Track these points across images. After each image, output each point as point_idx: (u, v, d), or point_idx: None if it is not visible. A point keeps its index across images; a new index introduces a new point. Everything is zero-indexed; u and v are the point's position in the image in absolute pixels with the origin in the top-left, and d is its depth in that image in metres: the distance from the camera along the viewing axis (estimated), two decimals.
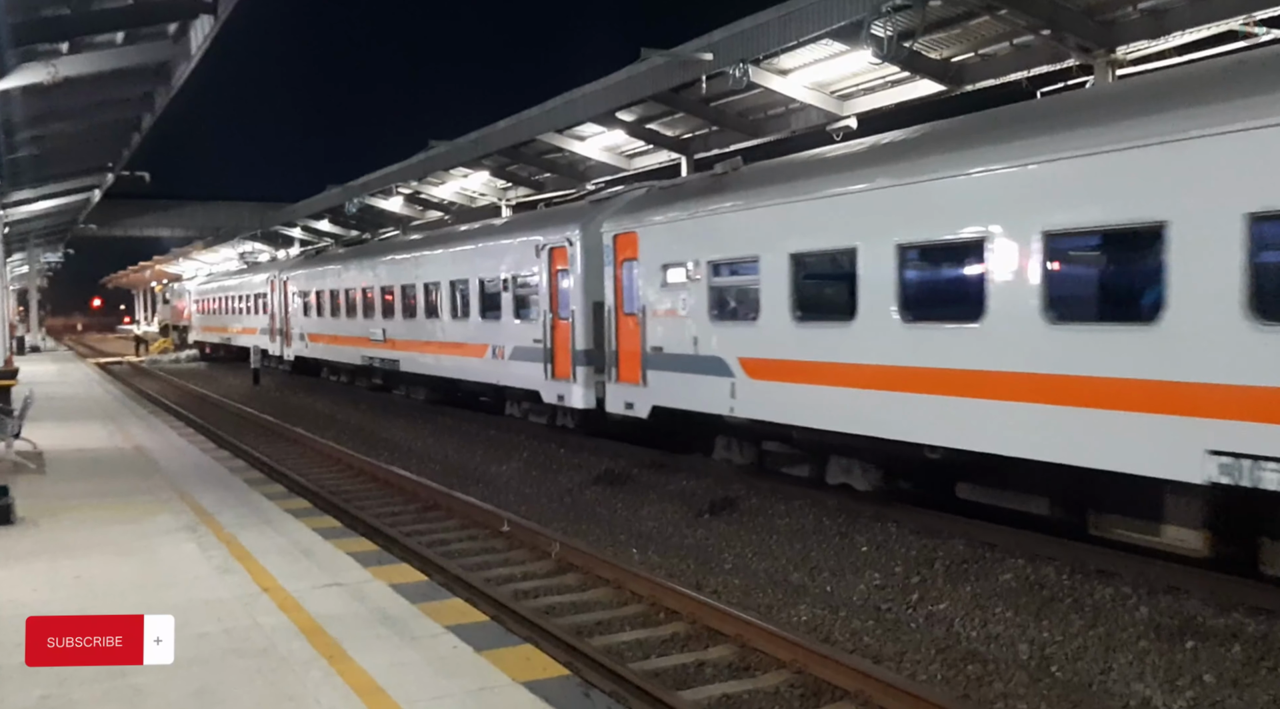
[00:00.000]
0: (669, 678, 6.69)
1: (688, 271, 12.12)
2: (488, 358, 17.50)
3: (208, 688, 5.05)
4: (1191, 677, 6.49)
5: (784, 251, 10.47)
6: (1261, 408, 6.55)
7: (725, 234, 11.58)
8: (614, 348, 13.60)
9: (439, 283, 19.41)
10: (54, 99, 16.98)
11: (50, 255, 50.41)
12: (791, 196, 10.57)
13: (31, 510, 9.36)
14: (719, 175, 12.52)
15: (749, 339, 11.16)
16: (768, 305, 10.77)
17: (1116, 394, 7.44)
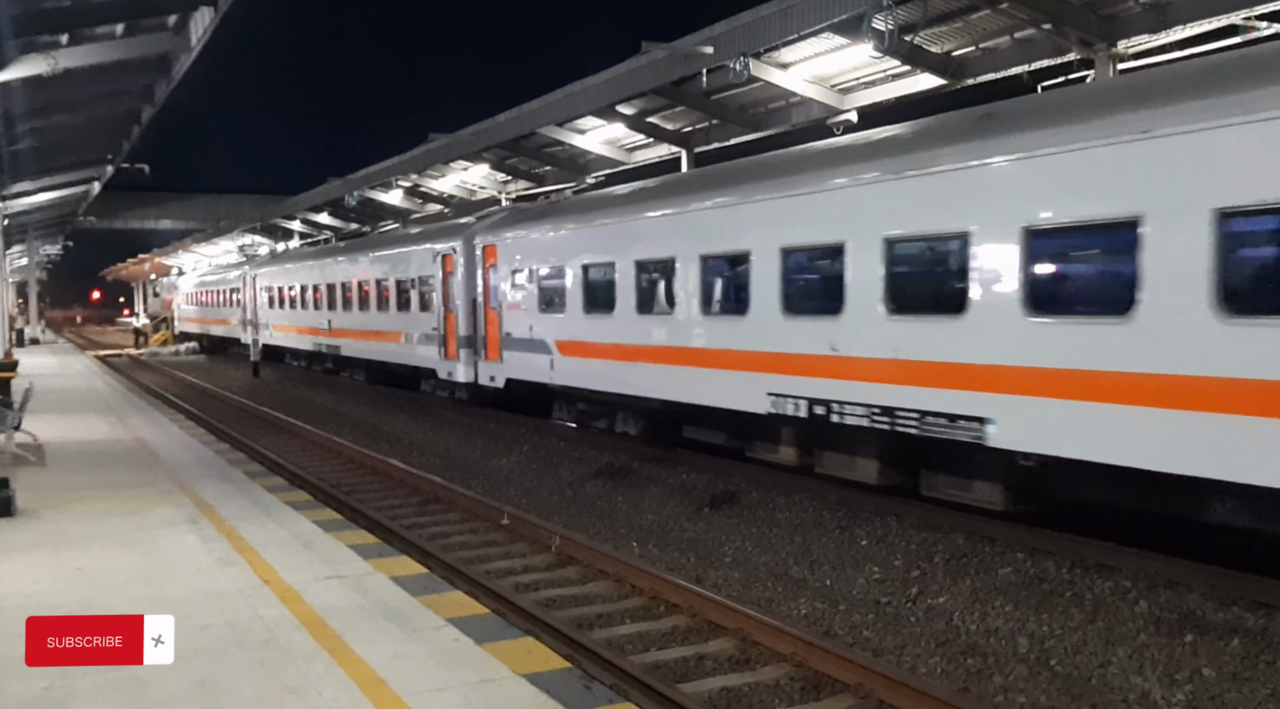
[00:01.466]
0: (669, 671, 6.71)
1: (526, 275, 16.36)
2: (402, 343, 21.68)
3: (209, 680, 5.06)
4: (1190, 670, 6.51)
5: (578, 263, 14.73)
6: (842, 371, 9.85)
7: (546, 248, 15.87)
8: (483, 334, 17.89)
9: (368, 280, 23.70)
10: (54, 91, 16.96)
11: (50, 247, 50.35)
12: (580, 225, 15.14)
13: (32, 502, 9.37)
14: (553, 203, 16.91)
15: (561, 326, 15.20)
16: (570, 301, 14.86)
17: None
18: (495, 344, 17.41)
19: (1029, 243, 8.10)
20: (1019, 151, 8.20)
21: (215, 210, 49.87)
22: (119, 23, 15.21)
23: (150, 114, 22.06)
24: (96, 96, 19.47)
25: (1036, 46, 11.60)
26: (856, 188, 9.76)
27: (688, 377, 12.27)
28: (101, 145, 25.87)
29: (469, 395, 19.13)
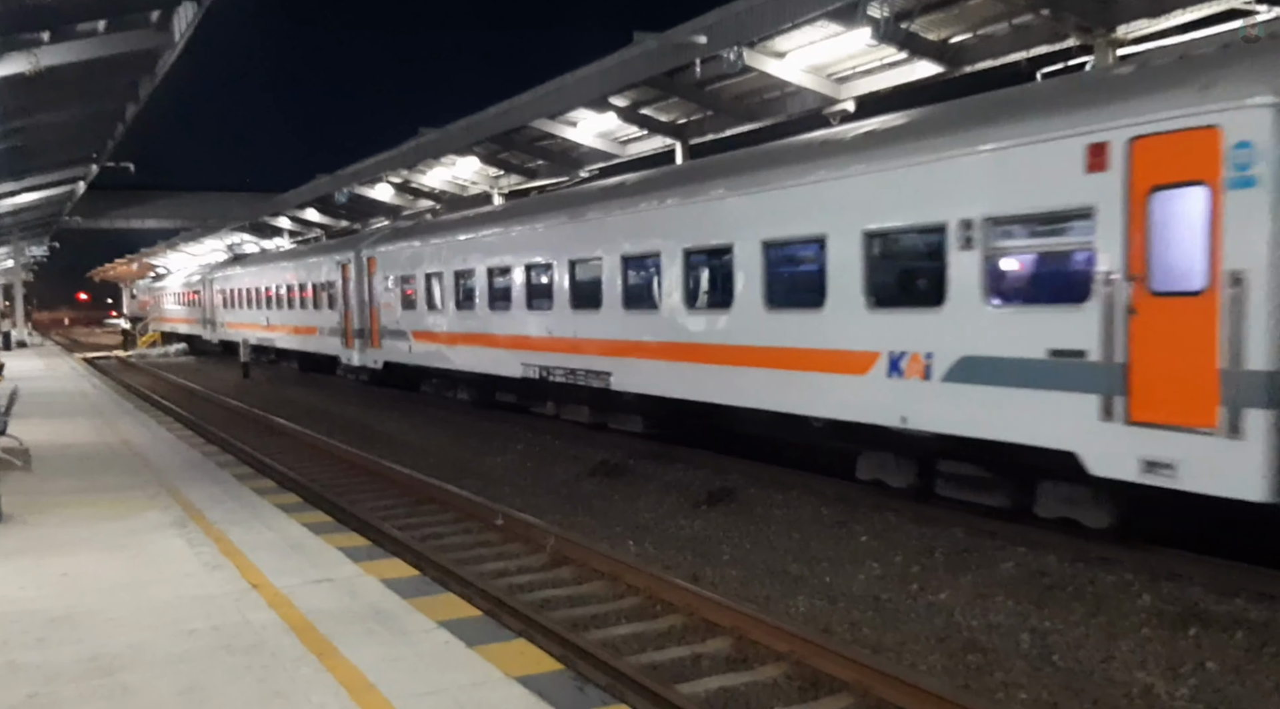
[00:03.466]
0: (666, 671, 6.60)
1: (394, 281, 21.53)
2: (317, 335, 27.08)
3: (196, 685, 4.97)
4: (1194, 664, 6.45)
5: (422, 272, 20.01)
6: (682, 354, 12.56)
7: (405, 260, 20.98)
8: (369, 327, 22.98)
9: (294, 285, 28.93)
10: (36, 89, 16.75)
11: (35, 249, 50.01)
12: (423, 243, 20.10)
13: (18, 507, 9.26)
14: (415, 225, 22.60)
15: (415, 319, 20.55)
16: (419, 300, 20.25)
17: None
18: (376, 334, 22.68)
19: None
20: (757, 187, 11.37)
21: (202, 209, 49.63)
22: (101, 19, 15.02)
23: (134, 112, 21.86)
24: (80, 95, 19.27)
25: (1034, 32, 11.50)
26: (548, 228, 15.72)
27: (486, 355, 17.68)
28: (86, 144, 25.65)
29: (368, 377, 24.21)
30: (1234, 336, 6.85)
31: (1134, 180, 7.41)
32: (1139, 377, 7.40)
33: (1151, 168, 7.31)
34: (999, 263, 8.55)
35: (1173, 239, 7.26)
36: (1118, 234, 7.49)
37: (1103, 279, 7.62)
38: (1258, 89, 6.72)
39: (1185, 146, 7.09)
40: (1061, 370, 7.88)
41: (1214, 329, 6.95)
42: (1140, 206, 7.38)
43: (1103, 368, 7.60)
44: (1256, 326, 6.74)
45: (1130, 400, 7.44)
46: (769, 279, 11.02)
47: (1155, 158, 7.28)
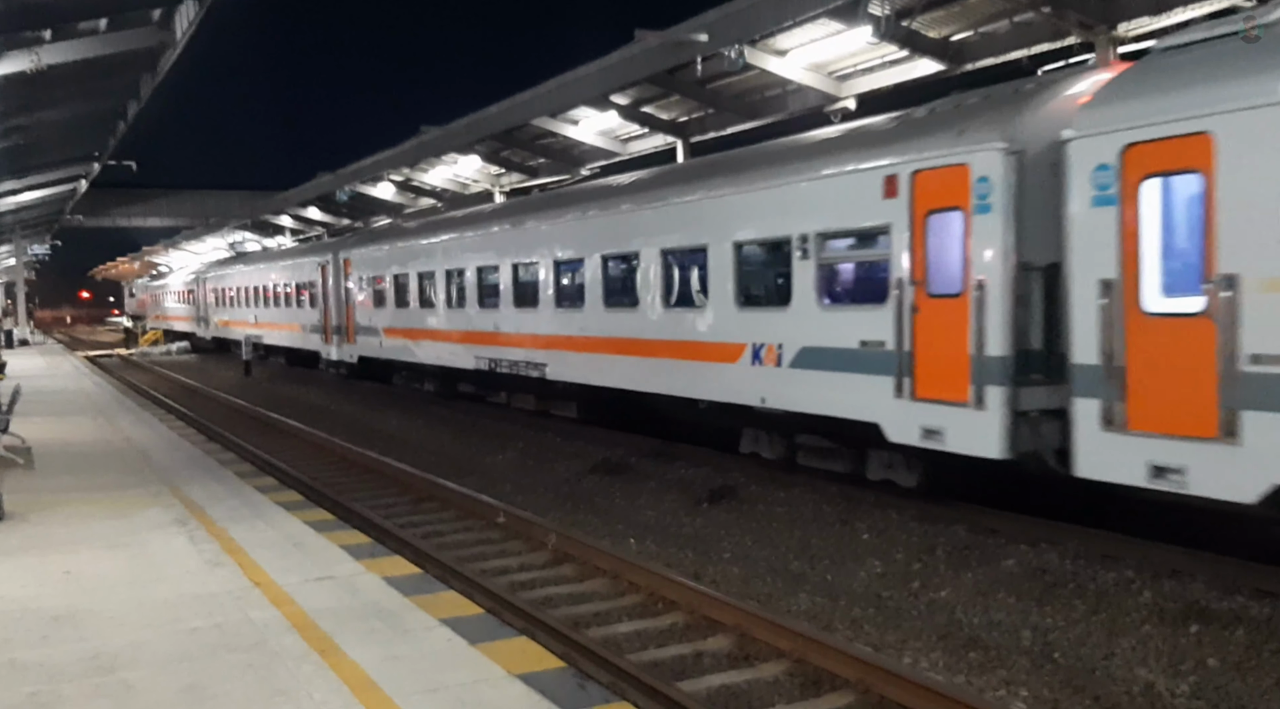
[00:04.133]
0: (667, 669, 6.60)
1: (367, 281, 23.40)
2: (299, 332, 28.92)
3: (198, 683, 4.97)
4: (1195, 661, 6.45)
5: (390, 273, 22.03)
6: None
7: (376, 262, 22.90)
8: (345, 324, 24.97)
9: (279, 284, 30.78)
10: (38, 88, 16.74)
11: (37, 247, 50.04)
12: (391, 246, 22.14)
13: (20, 505, 9.26)
14: (387, 227, 25.22)
15: (385, 317, 22.37)
16: (388, 299, 22.12)
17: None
18: (352, 331, 24.61)
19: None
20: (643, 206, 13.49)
21: (204, 207, 49.64)
22: (102, 18, 15.01)
23: (136, 110, 21.85)
24: (81, 93, 19.25)
25: (1036, 30, 11.48)
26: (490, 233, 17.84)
27: (445, 349, 19.47)
28: (88, 142, 25.65)
29: (346, 371, 26.08)
30: (979, 329, 8.59)
31: (916, 205, 9.23)
32: (920, 362, 9.18)
33: (927, 195, 9.12)
34: (827, 270, 10.44)
35: (942, 252, 9.01)
36: (905, 247, 9.30)
37: (896, 283, 9.38)
38: (993, 136, 8.55)
39: (947, 180, 8.90)
40: (868, 357, 9.71)
41: (966, 324, 8.68)
42: (921, 226, 9.18)
43: (895, 355, 9.39)
44: (993, 322, 8.48)
45: (915, 381, 9.22)
46: (666, 281, 12.81)
47: (929, 188, 9.09)
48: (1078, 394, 7.75)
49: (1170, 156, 7.20)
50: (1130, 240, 7.43)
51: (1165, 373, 7.22)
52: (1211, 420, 6.92)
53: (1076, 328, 7.76)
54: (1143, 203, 7.38)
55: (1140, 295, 7.41)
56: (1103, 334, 7.58)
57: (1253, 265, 6.70)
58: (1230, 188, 6.83)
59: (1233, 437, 6.81)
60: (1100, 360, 7.58)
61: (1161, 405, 7.22)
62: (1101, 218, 7.56)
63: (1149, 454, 7.26)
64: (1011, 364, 8.38)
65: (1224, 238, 6.85)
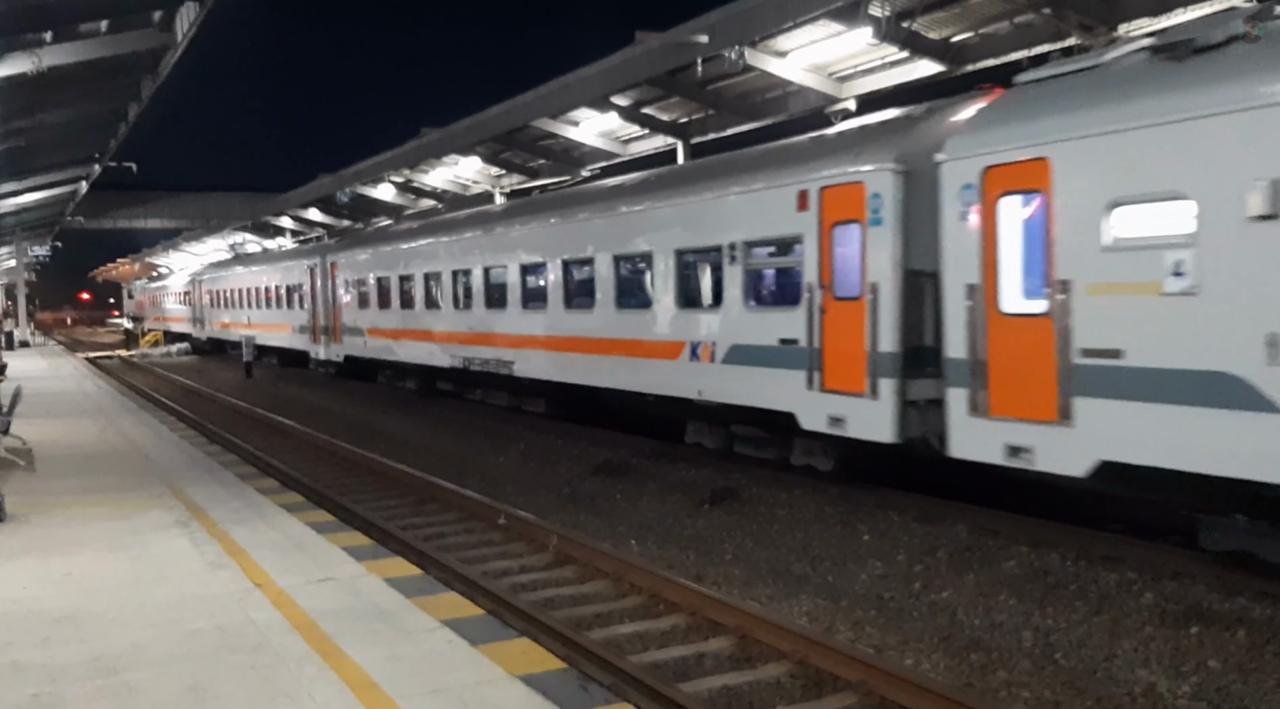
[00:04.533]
0: (669, 670, 6.61)
1: (352, 283, 24.61)
2: (290, 332, 30.23)
3: (200, 685, 4.97)
4: (1196, 662, 6.44)
5: (372, 276, 23.13)
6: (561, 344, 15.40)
7: (361, 265, 23.98)
8: (332, 324, 26.17)
9: (270, 286, 32.18)
10: (39, 89, 16.75)
11: (38, 248, 50.05)
12: (372, 251, 23.42)
13: (21, 507, 9.27)
14: (373, 231, 26.51)
15: (369, 318, 23.65)
16: (371, 300, 23.33)
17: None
18: (338, 331, 25.82)
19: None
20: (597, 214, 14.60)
21: (205, 208, 49.68)
22: (103, 19, 15.02)
23: (137, 112, 21.85)
24: (82, 95, 19.26)
25: (1036, 31, 11.49)
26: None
27: (423, 349, 20.63)
28: (88, 144, 25.65)
29: (334, 370, 27.18)
30: (874, 329, 9.67)
31: (824, 217, 10.27)
32: (828, 357, 10.26)
33: (832, 209, 10.19)
34: (752, 275, 11.49)
35: (844, 259, 10.05)
36: (815, 255, 10.35)
37: (807, 287, 10.44)
38: (884, 157, 9.67)
39: (848, 195, 9.96)
40: (786, 354, 10.77)
41: (864, 323, 9.76)
42: (828, 236, 10.24)
43: (807, 351, 10.48)
44: (885, 322, 9.58)
45: (823, 374, 10.31)
46: (618, 285, 13.89)
47: (834, 202, 10.16)
48: (950, 384, 8.77)
49: (1019, 178, 8.20)
50: (990, 250, 8.43)
51: (1018, 365, 8.20)
52: (1052, 406, 7.91)
53: (949, 326, 8.77)
54: (999, 217, 8.40)
55: (999, 298, 8.40)
56: (968, 332, 8.57)
57: (1081, 272, 7.72)
58: (1063, 206, 7.83)
59: (1068, 419, 7.81)
60: (967, 355, 8.58)
61: (1015, 394, 8.21)
62: (967, 230, 8.60)
63: (1006, 436, 8.29)
64: (900, 359, 9.47)
65: (1059, 248, 7.87)
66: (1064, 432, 7.80)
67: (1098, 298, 7.59)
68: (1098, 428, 7.61)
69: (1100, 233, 7.58)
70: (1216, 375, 6.89)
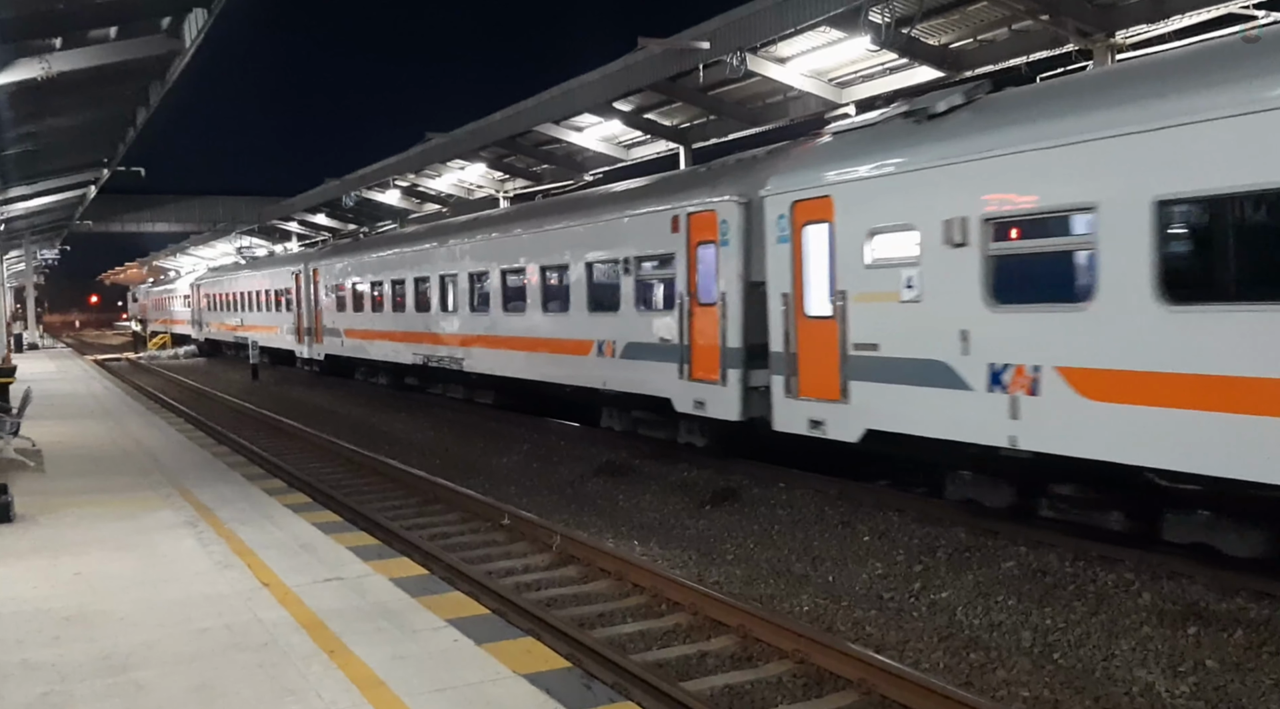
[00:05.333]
0: (671, 669, 6.67)
1: (331, 288, 26.92)
2: (278, 333, 32.57)
3: (208, 683, 5.03)
4: (1194, 662, 6.48)
5: (349, 282, 25.38)
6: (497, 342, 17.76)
7: (338, 272, 26.51)
8: (315, 326, 28.51)
9: (260, 290, 34.74)
10: (48, 95, 16.87)
11: (47, 252, 50.30)
12: (348, 259, 25.76)
13: (31, 507, 9.35)
14: (350, 242, 28.80)
15: (345, 320, 25.92)
16: (346, 304, 25.71)
17: None
18: (320, 332, 28.10)
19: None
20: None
21: (212, 212, 49.83)
22: (112, 25, 15.14)
23: (145, 117, 21.96)
24: (91, 100, 19.36)
25: (1034, 37, 11.56)
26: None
27: (390, 347, 22.98)
28: (97, 148, 25.75)
29: (318, 368, 29.19)
30: (724, 329, 11.77)
31: (690, 238, 12.42)
32: (694, 352, 12.34)
33: (696, 231, 12.32)
34: (641, 284, 13.52)
35: (705, 273, 12.24)
36: (684, 268, 12.48)
37: (679, 295, 12.56)
38: (730, 191, 11.79)
39: (706, 220, 12.15)
40: (665, 349, 12.86)
41: (718, 324, 11.87)
42: (693, 254, 12.41)
43: (679, 348, 12.55)
44: (731, 323, 11.71)
45: (691, 366, 12.39)
46: (544, 291, 16.03)
47: (697, 226, 12.32)
48: (773, 373, 10.91)
49: (814, 211, 10.32)
50: (798, 266, 10.55)
51: (816, 357, 10.29)
52: (836, 388, 10.05)
53: (772, 327, 10.91)
54: (804, 241, 10.48)
55: (805, 304, 10.54)
56: (784, 331, 10.71)
57: (852, 284, 9.84)
58: (841, 233, 9.97)
59: (846, 398, 9.94)
60: (784, 349, 10.70)
61: (815, 379, 10.35)
62: (782, 251, 10.72)
63: (809, 413, 10.48)
64: (743, 353, 11.54)
65: (839, 266, 9.97)
66: (843, 407, 9.96)
67: (862, 304, 9.74)
68: (864, 404, 9.74)
69: (864, 254, 9.70)
70: (932, 362, 8.93)
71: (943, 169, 8.74)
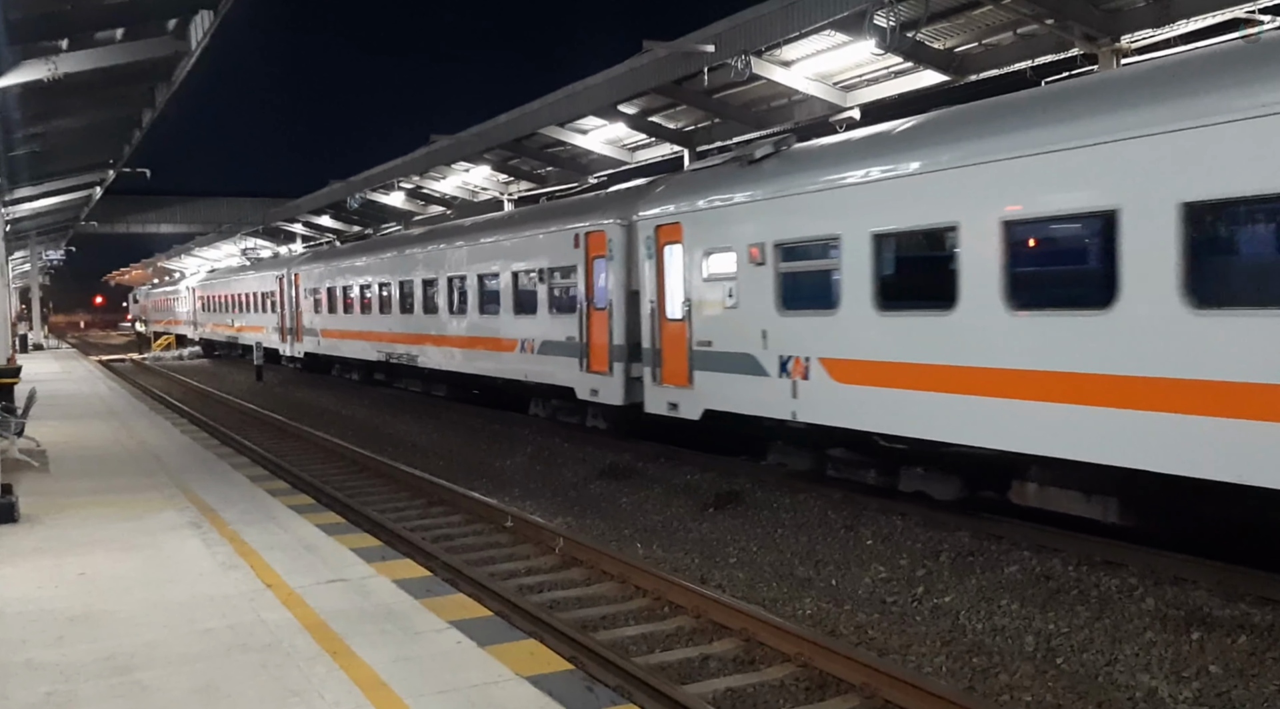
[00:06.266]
0: (674, 672, 6.68)
1: (310, 292, 29.42)
2: (265, 333, 34.81)
3: (212, 684, 5.04)
4: (1198, 667, 6.47)
5: (324, 286, 27.94)
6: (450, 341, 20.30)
7: (314, 277, 28.98)
8: (297, 326, 30.92)
9: (250, 293, 37.42)
10: (54, 96, 16.93)
11: (52, 252, 50.46)
12: (323, 266, 28.33)
13: (35, 508, 9.38)
14: (326, 250, 31.45)
15: (321, 321, 28.41)
16: (321, 306, 28.33)
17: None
18: (300, 331, 30.53)
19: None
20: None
21: (217, 214, 49.94)
22: (119, 27, 15.19)
23: (151, 118, 22.03)
24: (97, 101, 19.44)
25: (1040, 41, 11.55)
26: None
27: (358, 346, 25.60)
28: (102, 150, 25.85)
29: (300, 365, 31.42)
30: (611, 329, 14.12)
31: (588, 254, 14.73)
32: (590, 349, 14.69)
33: (592, 248, 14.67)
34: (553, 292, 15.87)
35: (599, 283, 14.52)
36: (583, 279, 14.84)
37: (579, 301, 14.90)
38: (615, 215, 14.30)
39: (599, 239, 14.49)
40: (569, 346, 15.27)
41: (608, 326, 14.19)
42: (590, 266, 14.71)
43: (580, 344, 14.92)
44: (616, 325, 14.03)
45: (588, 360, 14.75)
46: (480, 296, 18.50)
47: (592, 243, 14.66)
48: (645, 365, 13.25)
49: (671, 234, 12.70)
50: (661, 278, 12.92)
51: (674, 352, 12.66)
52: (686, 376, 12.41)
53: (644, 328, 13.24)
54: (665, 258, 12.84)
55: (666, 309, 12.89)
56: (652, 331, 13.06)
57: (696, 294, 12.25)
58: (688, 253, 12.37)
59: (692, 384, 12.32)
60: (652, 346, 13.06)
61: (673, 369, 12.70)
62: (650, 266, 13.11)
63: (669, 397, 12.86)
64: (625, 350, 13.79)
65: (688, 279, 12.37)
66: (690, 392, 12.37)
67: (702, 310, 12.17)
68: (704, 389, 12.12)
69: (703, 270, 12.11)
70: (745, 355, 11.37)
71: (747, 205, 11.37)
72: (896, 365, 9.37)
